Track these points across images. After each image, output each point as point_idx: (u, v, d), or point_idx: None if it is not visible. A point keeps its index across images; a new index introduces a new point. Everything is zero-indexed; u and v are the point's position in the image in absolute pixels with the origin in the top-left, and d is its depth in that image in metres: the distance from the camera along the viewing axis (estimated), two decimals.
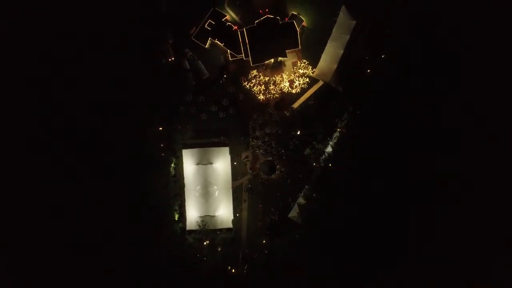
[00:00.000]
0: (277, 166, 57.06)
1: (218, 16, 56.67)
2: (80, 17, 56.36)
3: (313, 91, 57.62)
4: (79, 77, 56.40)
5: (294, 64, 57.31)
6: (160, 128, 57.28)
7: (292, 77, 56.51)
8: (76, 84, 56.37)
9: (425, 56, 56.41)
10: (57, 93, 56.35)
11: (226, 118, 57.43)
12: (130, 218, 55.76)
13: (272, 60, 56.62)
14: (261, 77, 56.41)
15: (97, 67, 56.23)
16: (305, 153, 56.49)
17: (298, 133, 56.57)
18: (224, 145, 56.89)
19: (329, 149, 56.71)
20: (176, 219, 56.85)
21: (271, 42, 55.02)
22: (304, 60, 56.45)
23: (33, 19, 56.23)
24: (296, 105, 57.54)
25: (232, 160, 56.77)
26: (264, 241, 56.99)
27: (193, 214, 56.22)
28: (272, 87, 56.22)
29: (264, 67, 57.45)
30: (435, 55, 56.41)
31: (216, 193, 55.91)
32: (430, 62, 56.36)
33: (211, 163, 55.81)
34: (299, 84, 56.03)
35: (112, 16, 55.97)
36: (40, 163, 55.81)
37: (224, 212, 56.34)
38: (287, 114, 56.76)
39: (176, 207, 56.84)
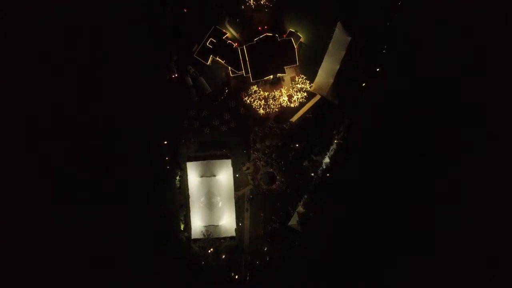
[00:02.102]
0: (277, 177, 59.38)
1: (219, 34, 58.68)
2: (85, 36, 58.86)
3: (310, 105, 59.79)
4: (85, 94, 58.77)
5: (293, 79, 59.45)
6: (165, 142, 59.62)
7: (291, 92, 58.72)
8: (82, 101, 58.81)
9: (420, 69, 58.29)
10: (63, 108, 58.89)
11: (228, 132, 59.71)
12: (138, 228, 58.17)
13: (272, 76, 58.81)
14: (261, 92, 58.62)
15: (103, 85, 58.78)
16: (304, 164, 59.00)
17: (297, 145, 58.88)
18: (226, 157, 59.04)
19: (326, 160, 59.13)
20: (182, 228, 59.33)
21: (270, 59, 57.04)
22: (302, 75, 58.53)
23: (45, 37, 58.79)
24: (294, 118, 59.78)
25: (234, 172, 59.03)
26: (265, 248, 59.47)
27: (197, 223, 58.59)
28: (271, 101, 58.44)
29: (264, 82, 59.62)
30: (430, 68, 58.23)
31: (220, 203, 58.31)
32: (424, 75, 58.26)
33: (214, 175, 58.12)
34: (297, 98, 58.19)
35: (118, 36, 58.53)
36: (46, 175, 58.35)
37: (227, 221, 58.76)
38: (286, 127, 59.02)
39: (182, 217, 59.28)
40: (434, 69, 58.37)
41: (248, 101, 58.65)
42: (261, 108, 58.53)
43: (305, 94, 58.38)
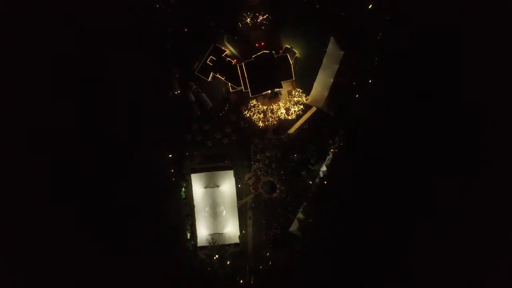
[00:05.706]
0: (278, 186, 62.18)
1: (218, 52, 61.17)
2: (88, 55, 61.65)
3: (307, 117, 62.42)
4: (91, 112, 61.69)
5: (289, 93, 62.03)
6: (170, 156, 62.31)
7: (288, 105, 61.36)
8: (90, 119, 61.78)
9: (410, 81, 61.31)
10: (68, 129, 61.86)
11: (229, 144, 62.41)
12: (147, 239, 61.21)
13: (269, 90, 61.28)
14: (260, 106, 61.19)
15: (106, 103, 61.68)
16: (302, 173, 62.02)
17: (295, 156, 61.74)
18: (228, 168, 61.87)
19: (323, 168, 62.11)
20: (188, 237, 61.98)
21: (268, 74, 59.42)
22: (298, 89, 60.92)
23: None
24: (292, 130, 62.52)
25: (236, 182, 61.74)
26: (268, 253, 62.16)
27: (203, 232, 61.26)
28: (270, 114, 61.02)
29: (262, 97, 62.33)
30: (420, 80, 61.22)
31: (224, 212, 61.08)
32: (415, 86, 61.32)
33: (218, 186, 60.99)
34: (295, 111, 60.82)
35: (120, 56, 61.31)
36: (55, 194, 61.19)
37: (231, 229, 61.51)
38: (285, 139, 61.76)
39: (188, 227, 61.92)
40: (428, 79, 61.08)
41: (248, 114, 61.17)
42: (260, 121, 61.18)
43: (302, 106, 60.91)
